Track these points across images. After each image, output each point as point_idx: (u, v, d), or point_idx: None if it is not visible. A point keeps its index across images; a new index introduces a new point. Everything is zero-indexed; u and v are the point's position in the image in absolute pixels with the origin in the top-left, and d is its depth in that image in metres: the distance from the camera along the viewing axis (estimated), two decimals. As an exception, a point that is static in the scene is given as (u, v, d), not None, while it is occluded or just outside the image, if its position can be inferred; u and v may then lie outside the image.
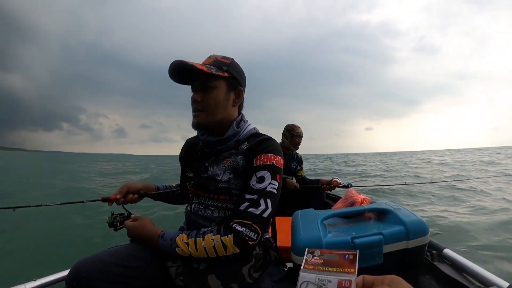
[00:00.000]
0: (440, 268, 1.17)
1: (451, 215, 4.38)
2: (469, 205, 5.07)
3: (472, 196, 5.82)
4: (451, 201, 5.58)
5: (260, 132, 1.00)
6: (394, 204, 1.14)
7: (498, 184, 6.94)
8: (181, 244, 0.79)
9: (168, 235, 0.82)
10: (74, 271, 0.74)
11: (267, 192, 0.82)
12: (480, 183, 6.87)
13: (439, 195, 6.05)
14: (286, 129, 2.44)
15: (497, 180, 7.25)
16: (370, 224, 1.08)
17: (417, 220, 1.04)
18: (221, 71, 0.88)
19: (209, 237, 0.78)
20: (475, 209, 4.77)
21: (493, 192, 6.04)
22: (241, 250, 0.77)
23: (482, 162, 18.25)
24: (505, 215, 4.15)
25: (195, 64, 0.84)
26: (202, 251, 0.77)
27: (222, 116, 0.91)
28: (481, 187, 6.44)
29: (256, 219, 0.79)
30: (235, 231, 0.78)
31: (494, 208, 4.66)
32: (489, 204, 5.06)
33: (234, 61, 0.94)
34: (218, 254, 0.77)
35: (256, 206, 0.80)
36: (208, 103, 0.89)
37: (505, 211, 4.43)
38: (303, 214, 1.13)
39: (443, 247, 1.26)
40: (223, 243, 0.76)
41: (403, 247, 1.00)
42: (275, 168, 0.86)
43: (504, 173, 9.10)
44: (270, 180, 0.83)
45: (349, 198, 1.22)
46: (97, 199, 1.08)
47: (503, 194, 5.85)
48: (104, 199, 1.05)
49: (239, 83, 0.94)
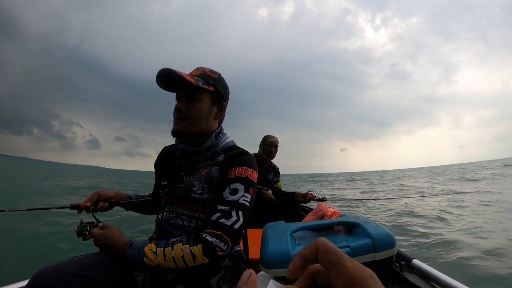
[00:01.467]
0: (409, 278, 1.20)
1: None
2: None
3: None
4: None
5: (237, 146, 1.01)
6: (363, 218, 1.17)
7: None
8: (149, 253, 0.77)
9: (136, 244, 0.80)
10: (34, 281, 0.71)
11: (239, 204, 0.83)
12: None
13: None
14: (262, 139, 2.51)
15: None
16: (339, 237, 1.11)
17: (385, 233, 1.06)
18: (208, 84, 0.91)
19: (178, 246, 0.77)
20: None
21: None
22: (210, 260, 0.76)
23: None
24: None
25: (184, 75, 0.86)
26: (170, 261, 0.76)
27: (202, 127, 0.93)
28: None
29: (227, 230, 0.79)
30: (205, 241, 0.77)
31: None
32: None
33: (220, 76, 0.97)
34: (187, 264, 0.76)
35: (227, 217, 0.81)
36: (191, 113, 0.91)
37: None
38: (273, 227, 1.14)
39: (411, 258, 1.29)
40: (192, 253, 0.76)
41: (370, 259, 1.03)
42: (249, 181, 0.87)
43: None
44: (243, 192, 0.84)
45: (319, 211, 1.24)
46: (66, 206, 1.04)
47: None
48: (73, 206, 1.01)
49: (223, 98, 0.97)
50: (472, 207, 6.08)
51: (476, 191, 8.26)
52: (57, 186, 12.96)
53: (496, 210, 5.60)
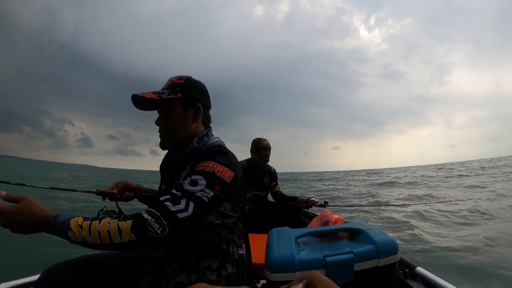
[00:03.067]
0: (412, 286, 1.21)
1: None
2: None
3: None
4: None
5: (220, 145, 0.97)
6: (367, 224, 1.19)
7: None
8: (74, 226, 0.70)
9: (62, 217, 0.72)
10: (45, 277, 0.74)
11: (194, 196, 0.76)
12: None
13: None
14: (253, 143, 2.45)
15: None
16: (343, 243, 1.13)
17: (388, 240, 1.08)
18: (174, 93, 0.91)
19: (106, 221, 0.71)
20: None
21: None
22: (138, 239, 0.70)
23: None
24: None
25: (147, 94, 0.88)
26: (95, 236, 0.69)
27: (183, 134, 0.94)
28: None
29: (168, 214, 0.73)
30: (138, 217, 0.72)
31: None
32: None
33: (189, 80, 0.96)
34: (113, 240, 0.69)
35: (174, 202, 0.74)
36: (167, 126, 0.94)
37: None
38: (278, 232, 1.17)
39: (415, 265, 1.30)
40: (118, 228, 0.70)
41: (374, 265, 1.04)
42: (215, 177, 0.79)
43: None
44: (203, 187, 0.77)
45: (323, 217, 1.26)
46: (92, 190, 1.03)
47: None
48: (99, 192, 1.01)
49: (196, 99, 0.95)
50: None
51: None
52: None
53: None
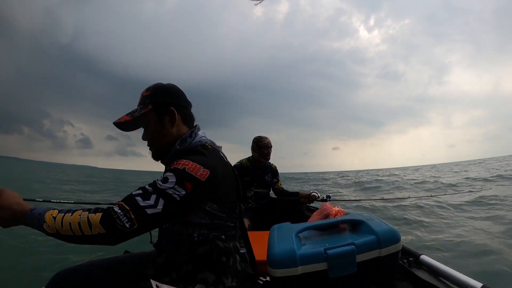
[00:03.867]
0: (417, 274, 1.22)
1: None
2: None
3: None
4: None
5: (203, 145, 0.96)
6: (367, 215, 1.19)
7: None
8: (48, 219, 0.73)
9: (38, 209, 0.75)
10: (53, 283, 0.76)
11: (165, 193, 0.76)
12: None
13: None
14: (254, 142, 2.47)
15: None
16: (344, 235, 1.13)
17: (389, 229, 1.08)
18: (145, 107, 0.94)
19: (78, 213, 0.74)
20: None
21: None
22: (108, 231, 0.72)
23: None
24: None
25: (121, 119, 0.93)
26: (67, 227, 0.72)
27: (166, 141, 0.96)
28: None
29: (137, 209, 0.74)
30: (108, 210, 0.74)
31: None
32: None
33: (156, 87, 0.98)
34: (83, 231, 0.71)
35: (144, 198, 0.75)
36: (151, 139, 0.98)
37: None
38: (279, 228, 1.18)
39: (419, 254, 1.30)
40: (88, 220, 0.72)
41: (376, 255, 1.05)
42: (186, 174, 0.78)
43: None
44: (173, 184, 0.77)
45: (323, 210, 1.27)
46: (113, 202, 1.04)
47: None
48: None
49: (167, 103, 0.96)
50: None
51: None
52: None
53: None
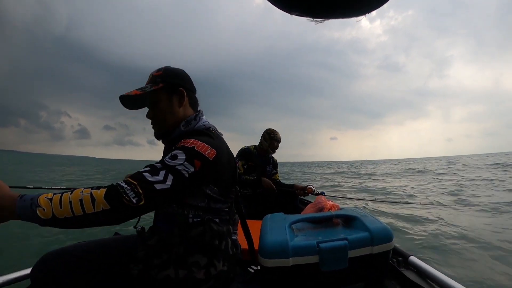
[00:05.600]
0: (406, 274, 1.21)
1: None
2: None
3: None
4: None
5: (207, 128, 0.96)
6: (362, 211, 1.18)
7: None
8: (43, 202, 0.65)
9: (29, 195, 0.67)
10: (39, 265, 0.72)
11: (174, 169, 0.74)
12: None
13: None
14: (267, 132, 2.53)
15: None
16: (337, 229, 1.12)
17: (382, 227, 1.07)
18: (155, 84, 0.94)
19: (79, 190, 0.68)
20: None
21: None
22: (112, 208, 0.66)
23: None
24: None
25: (131, 92, 0.92)
26: (67, 207, 0.65)
27: (172, 121, 0.97)
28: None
29: (144, 183, 0.70)
30: (113, 185, 0.70)
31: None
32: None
33: (167, 69, 0.99)
34: (85, 210, 0.65)
35: (153, 173, 0.73)
36: (156, 116, 0.98)
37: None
38: (272, 218, 1.16)
39: (409, 255, 1.30)
40: (91, 196, 0.66)
41: (367, 252, 1.04)
42: (195, 152, 0.78)
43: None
44: (183, 161, 0.76)
45: (318, 203, 1.25)
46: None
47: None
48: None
49: (177, 84, 0.98)
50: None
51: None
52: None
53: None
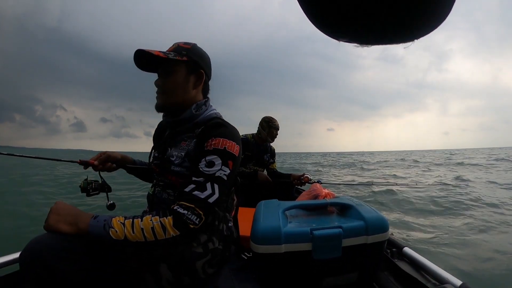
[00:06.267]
0: (399, 265, 1.20)
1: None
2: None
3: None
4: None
5: (220, 118, 0.98)
6: (357, 200, 1.16)
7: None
8: (116, 224, 0.72)
9: (102, 216, 0.75)
10: (28, 249, 0.69)
11: (215, 177, 0.79)
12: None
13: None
14: (264, 121, 2.46)
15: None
16: (332, 217, 1.09)
17: (378, 217, 1.05)
18: (180, 55, 0.90)
19: (148, 218, 0.74)
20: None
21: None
22: (181, 233, 0.74)
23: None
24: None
25: (153, 51, 0.86)
26: (139, 233, 0.72)
27: (182, 98, 0.93)
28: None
29: (200, 203, 0.76)
30: (175, 213, 0.74)
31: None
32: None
33: (195, 46, 0.96)
34: (157, 236, 0.72)
35: (201, 189, 0.77)
36: (167, 87, 0.92)
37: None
38: (266, 204, 1.13)
39: (403, 246, 1.29)
40: (162, 224, 0.72)
41: (362, 241, 1.01)
42: (227, 153, 0.83)
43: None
44: (220, 166, 0.80)
45: (313, 191, 1.23)
46: (75, 160, 1.05)
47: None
48: (82, 162, 1.04)
49: (200, 66, 0.95)
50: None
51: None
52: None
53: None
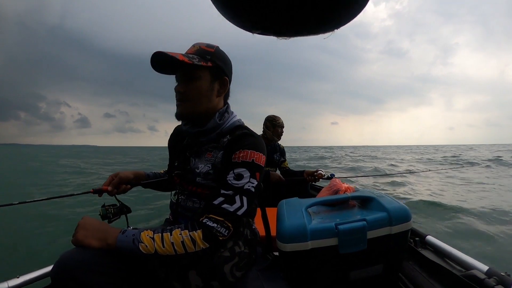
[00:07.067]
0: (423, 254, 1.20)
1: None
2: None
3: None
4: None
5: (244, 125, 0.96)
6: (378, 192, 1.16)
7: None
8: (145, 239, 0.72)
9: (130, 231, 0.75)
10: (60, 264, 0.70)
11: (244, 190, 0.79)
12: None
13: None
14: (268, 120, 2.44)
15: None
16: (354, 211, 1.09)
17: (400, 207, 1.05)
18: (204, 60, 0.85)
19: (177, 232, 0.74)
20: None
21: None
22: (211, 246, 0.74)
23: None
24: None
25: (176, 55, 0.81)
26: (169, 247, 0.72)
27: (206, 107, 0.89)
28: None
29: (230, 216, 0.76)
30: (205, 226, 0.74)
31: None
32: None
33: (219, 49, 0.91)
34: (187, 249, 0.72)
35: (231, 202, 0.77)
36: (191, 94, 0.87)
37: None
38: (288, 203, 1.13)
39: (425, 235, 1.29)
40: (191, 238, 0.72)
41: (386, 232, 1.01)
42: (255, 165, 0.82)
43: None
44: (248, 179, 0.80)
45: (333, 186, 1.23)
46: (88, 191, 1.05)
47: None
48: (96, 191, 1.02)
49: (224, 72, 0.90)
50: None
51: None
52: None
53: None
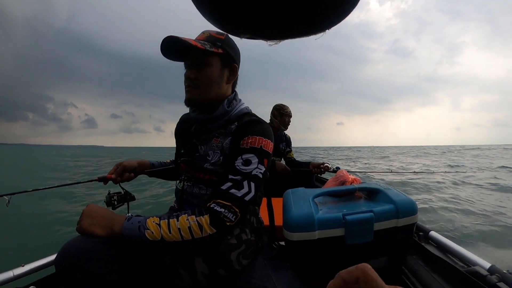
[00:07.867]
0: (427, 248, 1.19)
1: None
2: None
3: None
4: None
5: (251, 112, 0.96)
6: (384, 185, 1.15)
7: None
8: (151, 225, 0.71)
9: (135, 218, 0.74)
10: (63, 252, 0.69)
11: (252, 176, 0.78)
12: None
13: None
14: (275, 109, 2.40)
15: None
16: (361, 202, 1.08)
17: (407, 200, 1.04)
18: (215, 47, 0.85)
19: (184, 217, 0.73)
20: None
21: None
22: (218, 231, 0.73)
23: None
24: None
25: (189, 40, 0.80)
26: (176, 233, 0.71)
27: (215, 93, 0.89)
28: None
29: (237, 201, 0.75)
30: (212, 211, 0.73)
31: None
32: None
33: (228, 37, 0.90)
34: (194, 235, 0.71)
35: (238, 188, 0.76)
36: (201, 80, 0.86)
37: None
38: (294, 193, 1.11)
39: (429, 230, 1.28)
40: (198, 224, 0.71)
41: (393, 225, 1.01)
42: (263, 152, 0.82)
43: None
44: (256, 165, 0.80)
45: (340, 177, 1.21)
46: (94, 179, 1.07)
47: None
48: (101, 179, 1.04)
49: (233, 59, 0.91)
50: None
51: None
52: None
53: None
